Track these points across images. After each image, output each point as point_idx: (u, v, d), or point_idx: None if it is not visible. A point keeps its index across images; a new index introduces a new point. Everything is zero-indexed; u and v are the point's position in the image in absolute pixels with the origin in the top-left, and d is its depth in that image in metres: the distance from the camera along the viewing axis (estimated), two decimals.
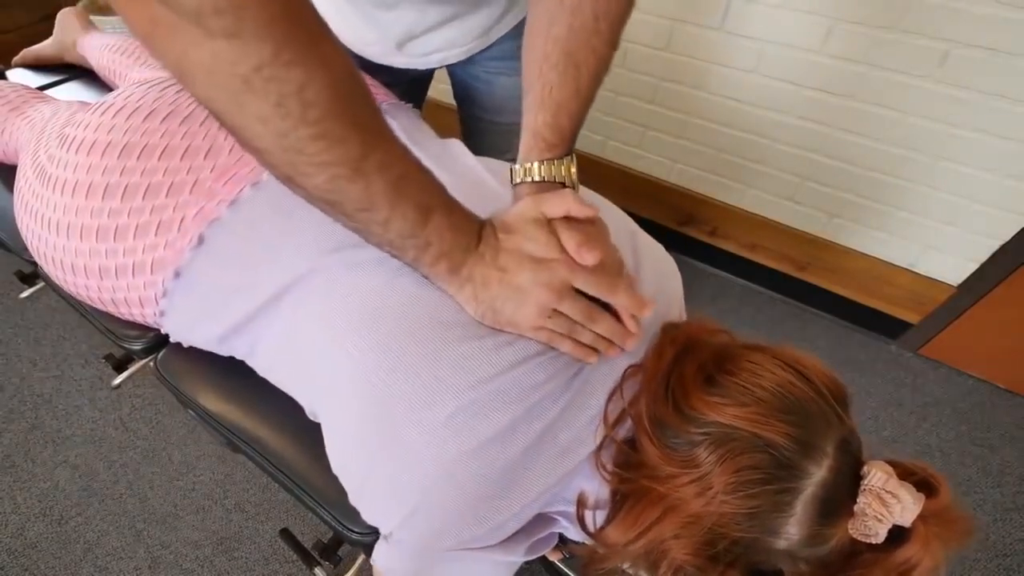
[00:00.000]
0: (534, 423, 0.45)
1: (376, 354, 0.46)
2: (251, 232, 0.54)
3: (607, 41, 0.50)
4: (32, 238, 0.62)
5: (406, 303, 0.47)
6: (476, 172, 0.61)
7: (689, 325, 0.51)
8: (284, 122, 0.35)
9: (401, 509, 0.46)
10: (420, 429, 0.44)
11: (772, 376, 0.42)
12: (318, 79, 0.35)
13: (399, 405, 0.44)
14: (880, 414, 1.37)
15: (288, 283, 0.52)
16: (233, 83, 0.33)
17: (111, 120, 0.58)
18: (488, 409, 0.44)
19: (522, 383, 0.45)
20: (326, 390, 0.51)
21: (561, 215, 0.47)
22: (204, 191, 0.55)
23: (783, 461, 0.39)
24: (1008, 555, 1.14)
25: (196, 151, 0.56)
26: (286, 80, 0.33)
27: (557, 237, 0.47)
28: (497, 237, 0.47)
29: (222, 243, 0.54)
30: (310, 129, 0.36)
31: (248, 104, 0.34)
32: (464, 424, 0.43)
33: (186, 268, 0.55)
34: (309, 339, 0.51)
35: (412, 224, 0.43)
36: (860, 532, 0.39)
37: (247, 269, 0.54)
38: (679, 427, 0.42)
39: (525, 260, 0.46)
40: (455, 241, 0.45)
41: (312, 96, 0.34)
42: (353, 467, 0.50)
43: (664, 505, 0.42)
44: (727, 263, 1.63)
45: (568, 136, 0.52)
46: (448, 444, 0.43)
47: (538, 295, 0.46)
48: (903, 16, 1.05)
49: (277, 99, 0.34)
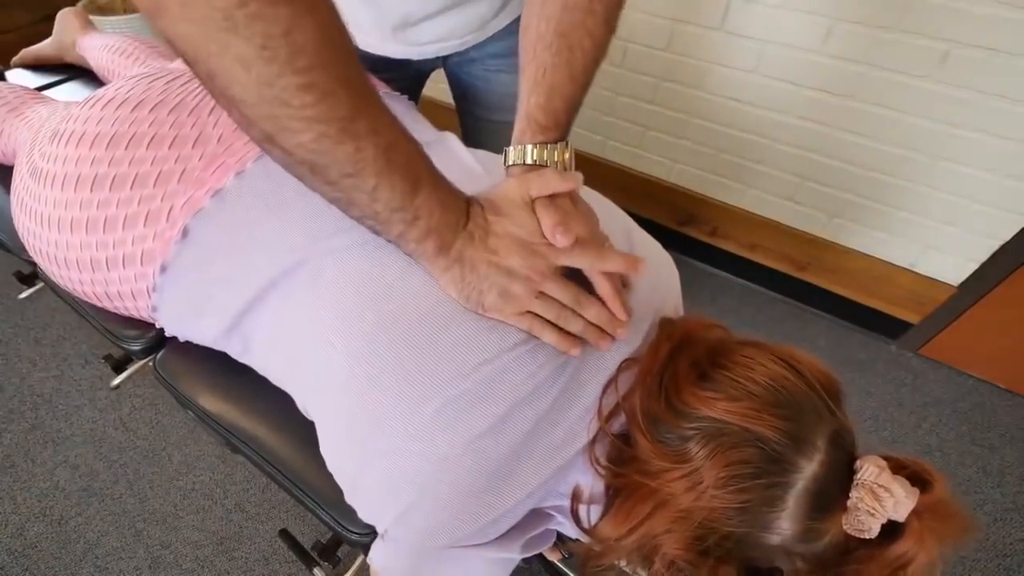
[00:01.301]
0: (527, 414, 0.44)
1: (361, 345, 0.45)
2: (235, 223, 0.53)
3: (602, 21, 0.49)
4: (28, 235, 0.62)
5: (390, 291, 0.47)
6: (467, 162, 0.60)
7: (686, 321, 0.51)
8: (269, 67, 0.32)
9: (395, 506, 0.46)
10: (408, 425, 0.43)
11: (764, 370, 0.42)
12: (308, 23, 0.32)
13: (386, 400, 0.44)
14: (880, 414, 1.37)
15: (275, 276, 0.51)
16: (213, 18, 0.30)
17: (99, 112, 0.58)
18: (477, 401, 0.43)
19: (512, 372, 0.44)
20: (315, 387, 0.51)
21: (547, 194, 0.47)
22: (192, 180, 0.54)
23: (773, 455, 0.39)
24: (1008, 555, 1.14)
25: (184, 140, 0.55)
26: (272, 19, 0.31)
27: None
28: (486, 218, 0.47)
29: (206, 235, 0.53)
30: (298, 78, 0.33)
31: (229, 45, 0.31)
32: (454, 418, 0.43)
33: (172, 262, 0.54)
34: (296, 333, 0.51)
35: (400, 195, 0.41)
36: (853, 527, 0.39)
37: (232, 261, 0.53)
38: (671, 422, 0.42)
39: (514, 243, 0.46)
40: (444, 218, 0.44)
41: (301, 41, 0.32)
42: (346, 465, 0.50)
43: (655, 500, 0.42)
44: (727, 263, 1.63)
45: (563, 120, 0.51)
46: (438, 440, 0.43)
47: (525, 278, 0.45)
48: (903, 16, 1.05)
49: (262, 40, 0.31)
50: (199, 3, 0.30)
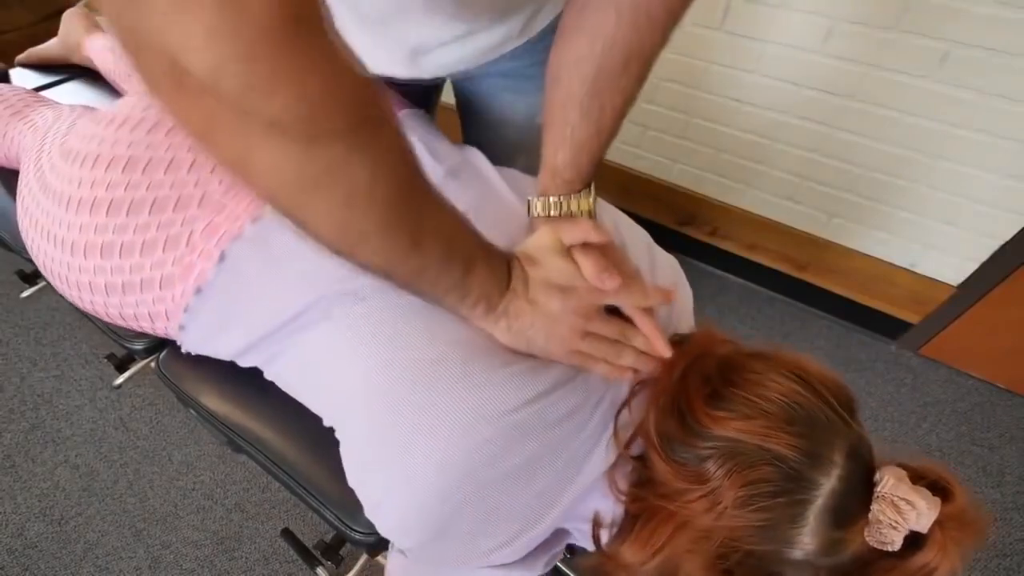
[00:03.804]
0: (560, 454, 0.45)
1: (397, 375, 0.45)
2: (273, 250, 0.52)
3: (636, 79, 0.50)
4: (39, 253, 0.61)
5: (430, 327, 0.47)
6: (500, 191, 0.61)
7: (696, 337, 0.51)
8: (349, 213, 0.34)
9: (420, 535, 0.46)
10: (440, 460, 0.43)
11: (776, 387, 0.42)
12: (383, 173, 0.33)
13: (420, 429, 0.44)
14: (880, 414, 1.37)
15: (311, 302, 0.50)
16: (301, 182, 0.31)
17: (115, 133, 0.57)
18: (512, 442, 0.43)
19: (547, 415, 0.45)
20: (345, 409, 0.51)
21: (579, 242, 0.49)
22: (212, 204, 0.53)
23: (791, 473, 0.39)
24: (1008, 555, 1.14)
25: (202, 163, 0.55)
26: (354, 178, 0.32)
27: (576, 264, 0.48)
28: (524, 270, 0.48)
29: (244, 259, 0.53)
30: (374, 222, 0.35)
31: (313, 202, 0.33)
32: (491, 455, 0.43)
33: (208, 285, 0.53)
34: (330, 359, 0.50)
35: (457, 278, 0.43)
36: (876, 540, 0.39)
37: (269, 287, 0.52)
38: (686, 442, 0.42)
39: (553, 289, 0.47)
40: (493, 285, 0.46)
41: (380, 194, 0.34)
42: (371, 488, 0.49)
43: (675, 522, 0.41)
44: (727, 263, 1.63)
45: (587, 172, 0.54)
46: (474, 473, 0.43)
47: (569, 320, 0.47)
48: (903, 16, 1.05)
49: (344, 199, 0.33)
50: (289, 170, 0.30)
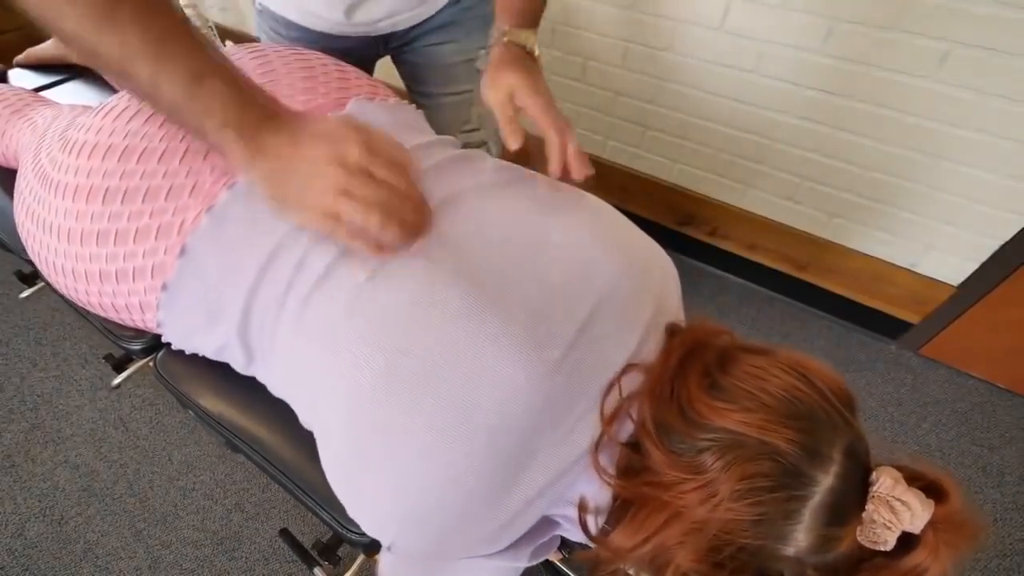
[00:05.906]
0: (525, 421, 0.44)
1: (375, 368, 0.45)
2: (229, 240, 0.52)
3: None
4: (32, 242, 0.62)
5: (407, 310, 0.46)
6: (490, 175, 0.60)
7: (693, 327, 0.51)
8: None
9: (401, 528, 0.46)
10: (421, 452, 0.43)
11: (778, 381, 0.41)
12: None
13: (392, 415, 0.44)
14: (880, 414, 1.37)
15: (262, 263, 0.50)
16: None
17: (112, 123, 0.58)
18: (489, 446, 0.43)
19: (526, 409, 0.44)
20: (321, 405, 0.50)
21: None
22: (204, 194, 0.54)
23: (790, 468, 0.39)
24: (1008, 555, 1.14)
25: (196, 153, 0.55)
26: None
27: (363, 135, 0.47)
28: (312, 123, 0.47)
29: (203, 252, 0.53)
30: None
31: None
32: (468, 452, 0.43)
33: (173, 280, 0.54)
34: (303, 353, 0.50)
35: (182, 86, 0.42)
36: (869, 539, 0.38)
37: (228, 279, 0.52)
38: (685, 432, 0.42)
39: (321, 138, 0.46)
40: (241, 109, 0.44)
41: None
42: (349, 486, 0.50)
43: (669, 511, 0.41)
44: (727, 263, 1.63)
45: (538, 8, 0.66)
46: (454, 466, 0.43)
47: (330, 170, 0.44)
48: (903, 16, 1.05)
49: None
50: None
